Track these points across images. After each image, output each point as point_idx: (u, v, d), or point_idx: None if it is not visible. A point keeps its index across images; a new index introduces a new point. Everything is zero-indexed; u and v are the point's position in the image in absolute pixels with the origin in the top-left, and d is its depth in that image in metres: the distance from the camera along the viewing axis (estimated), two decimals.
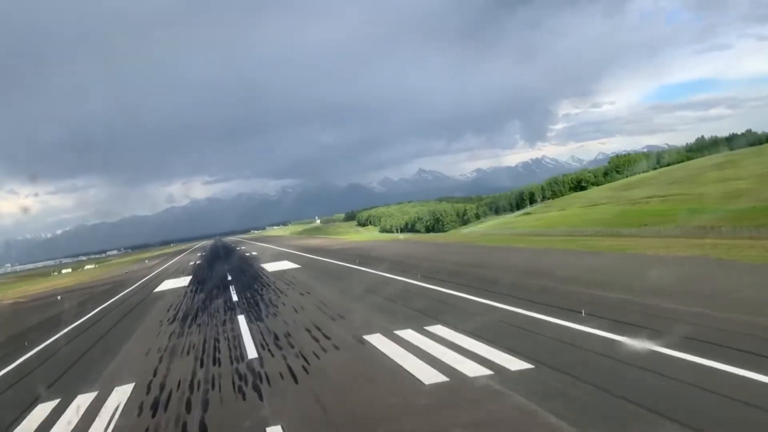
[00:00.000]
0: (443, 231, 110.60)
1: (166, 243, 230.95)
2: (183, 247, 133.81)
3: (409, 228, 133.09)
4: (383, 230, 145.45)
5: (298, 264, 26.18)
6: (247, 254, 45.37)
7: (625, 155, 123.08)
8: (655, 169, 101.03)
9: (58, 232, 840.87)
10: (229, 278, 23.85)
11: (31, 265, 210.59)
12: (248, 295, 16.68)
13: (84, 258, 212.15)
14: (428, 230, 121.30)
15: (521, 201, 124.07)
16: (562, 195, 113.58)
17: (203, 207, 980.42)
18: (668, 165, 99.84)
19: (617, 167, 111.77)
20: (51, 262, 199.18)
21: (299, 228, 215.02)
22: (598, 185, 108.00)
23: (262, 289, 17.61)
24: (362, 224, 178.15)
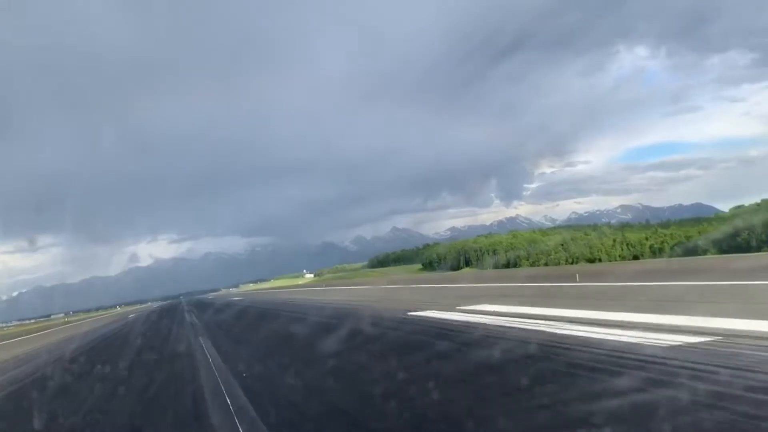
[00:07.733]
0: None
1: (118, 305, 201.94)
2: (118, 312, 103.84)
3: None
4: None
5: None
6: None
7: None
8: None
9: (14, 293, 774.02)
10: None
11: None
12: None
13: (16, 323, 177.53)
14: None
15: None
16: None
17: (169, 267, 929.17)
18: None
19: None
20: None
21: (298, 281, 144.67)
22: None
23: None
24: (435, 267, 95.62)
